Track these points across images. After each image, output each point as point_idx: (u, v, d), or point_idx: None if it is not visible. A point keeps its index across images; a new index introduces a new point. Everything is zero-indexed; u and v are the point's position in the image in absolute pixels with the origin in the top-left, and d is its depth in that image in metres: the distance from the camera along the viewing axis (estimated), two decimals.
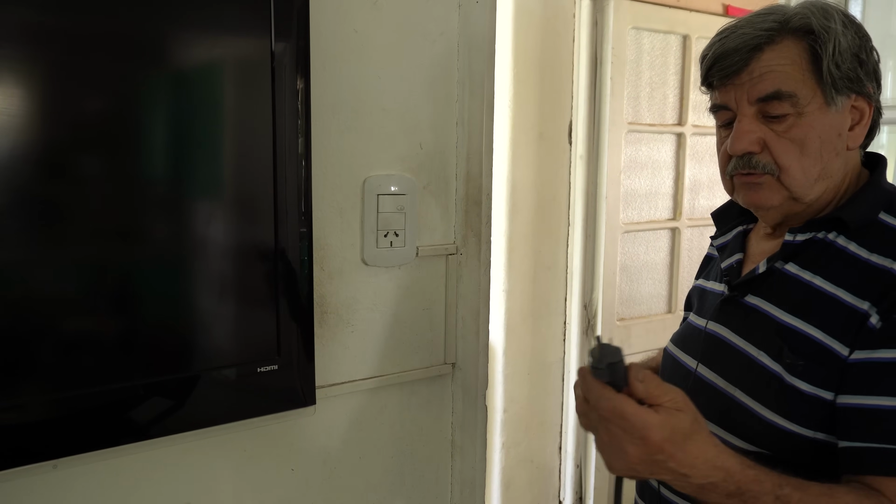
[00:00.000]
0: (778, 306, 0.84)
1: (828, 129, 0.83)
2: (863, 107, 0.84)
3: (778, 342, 0.82)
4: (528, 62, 2.21)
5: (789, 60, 0.82)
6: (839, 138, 0.84)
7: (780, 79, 0.82)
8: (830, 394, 0.77)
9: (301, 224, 0.82)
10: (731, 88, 0.85)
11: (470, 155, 1.02)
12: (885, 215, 0.83)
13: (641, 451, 0.67)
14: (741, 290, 0.90)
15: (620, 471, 0.71)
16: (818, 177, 0.84)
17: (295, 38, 0.79)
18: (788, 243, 0.86)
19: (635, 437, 0.67)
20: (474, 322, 1.06)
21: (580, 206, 2.37)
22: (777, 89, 0.82)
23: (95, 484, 0.78)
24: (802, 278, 0.84)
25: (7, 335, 0.66)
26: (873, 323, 0.75)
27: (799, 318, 0.82)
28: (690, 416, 0.69)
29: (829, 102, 0.82)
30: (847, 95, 0.83)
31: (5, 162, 0.64)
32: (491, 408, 2.31)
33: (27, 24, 0.64)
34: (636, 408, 0.67)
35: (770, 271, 0.87)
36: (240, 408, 0.82)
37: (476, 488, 1.10)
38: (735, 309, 0.90)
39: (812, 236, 0.85)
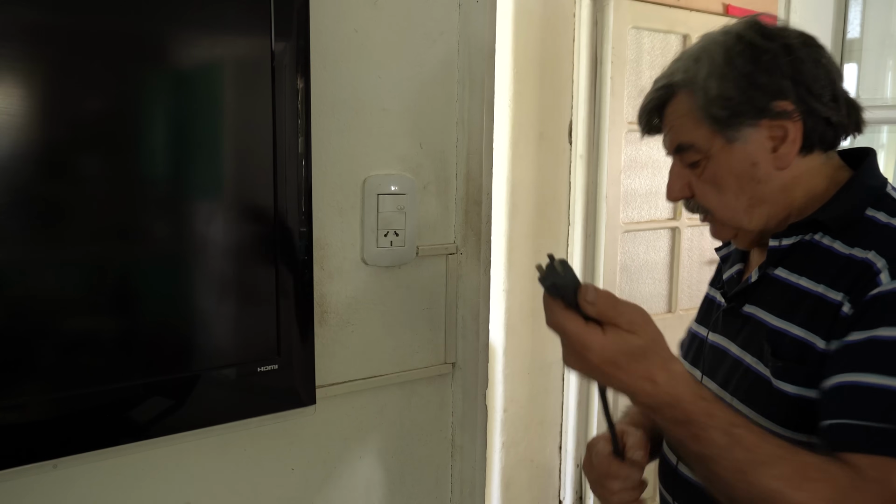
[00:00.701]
0: (769, 311, 0.85)
1: (738, 164, 0.85)
2: (782, 125, 0.82)
3: (766, 346, 0.82)
4: (528, 62, 2.21)
5: (682, 113, 0.87)
6: (756, 167, 0.84)
7: (678, 133, 0.88)
8: (815, 392, 0.76)
9: (301, 224, 0.82)
10: (662, 138, 0.93)
11: (470, 155, 1.02)
12: (872, 211, 0.82)
13: (584, 366, 0.71)
14: (738, 299, 0.91)
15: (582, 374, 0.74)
16: (748, 206, 0.86)
17: (295, 37, 0.79)
18: (774, 249, 0.87)
19: (577, 354, 0.71)
20: (474, 322, 1.06)
21: (580, 206, 2.37)
22: (679, 143, 0.88)
23: (96, 484, 0.78)
24: (789, 281, 0.84)
25: (7, 335, 0.66)
26: (845, 311, 0.75)
27: (785, 319, 0.82)
28: (644, 339, 0.70)
29: (730, 139, 0.84)
30: (751, 125, 0.83)
31: (5, 162, 0.64)
32: (491, 408, 2.31)
33: (27, 23, 0.64)
34: (577, 326, 0.70)
35: (761, 278, 0.88)
36: (240, 407, 0.82)
37: (476, 488, 1.10)
38: (734, 319, 0.91)
39: (799, 239, 0.85)
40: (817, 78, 0.82)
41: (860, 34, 2.01)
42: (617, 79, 2.30)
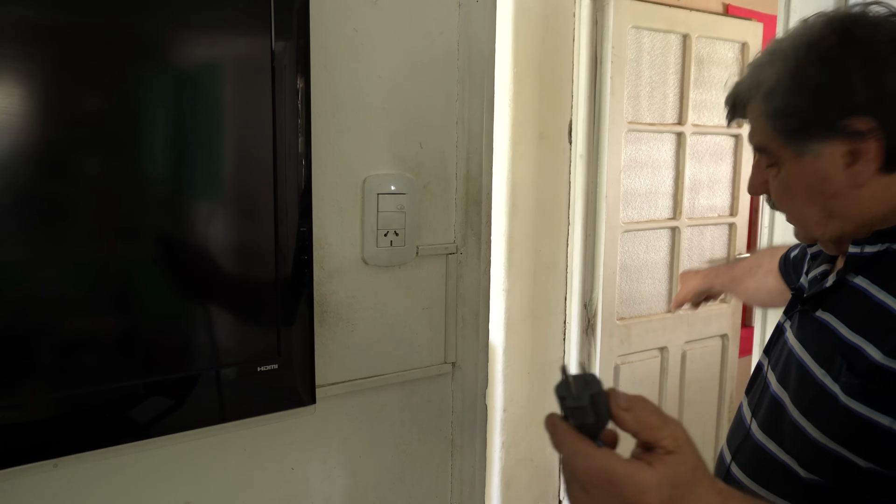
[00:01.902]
0: (842, 321, 0.79)
1: (808, 177, 0.80)
2: (858, 144, 0.75)
3: (838, 360, 0.76)
4: (528, 62, 2.21)
5: (756, 115, 0.84)
6: (827, 182, 0.78)
7: (753, 133, 0.85)
8: (888, 419, 0.69)
9: (301, 223, 0.82)
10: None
11: (470, 154, 1.02)
12: None
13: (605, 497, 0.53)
14: (812, 304, 0.86)
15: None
16: (820, 218, 0.81)
17: (295, 37, 0.79)
18: (854, 256, 0.81)
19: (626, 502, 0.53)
20: (474, 322, 1.06)
21: (580, 206, 2.37)
22: (757, 143, 0.84)
23: (96, 483, 0.78)
24: (869, 292, 0.77)
25: (7, 334, 0.66)
26: None
27: (860, 335, 0.75)
28: (691, 461, 0.55)
29: (799, 154, 0.79)
30: (822, 141, 0.77)
31: (5, 161, 0.64)
32: (491, 407, 2.31)
33: (27, 23, 0.64)
34: (626, 467, 0.53)
35: (838, 284, 0.82)
36: (240, 407, 0.82)
37: (476, 488, 1.10)
38: (808, 323, 0.86)
39: (886, 247, 0.79)
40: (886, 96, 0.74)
41: None
42: (617, 78, 2.30)
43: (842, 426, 0.73)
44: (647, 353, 2.54)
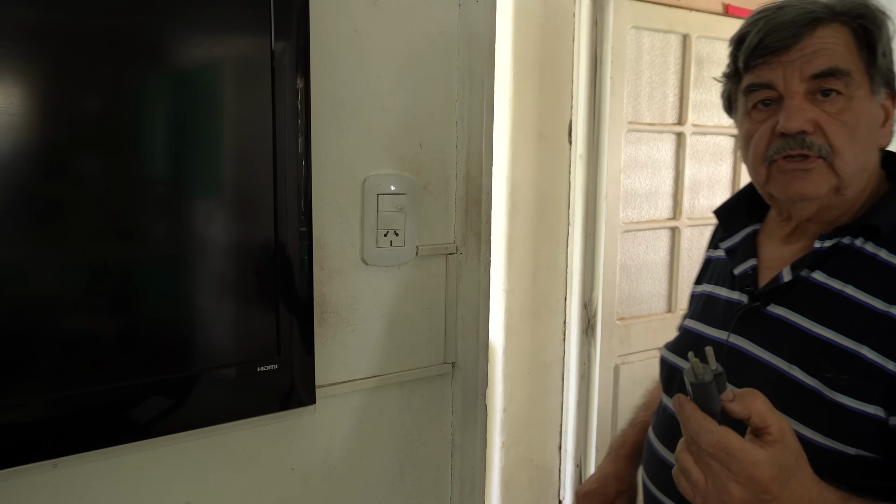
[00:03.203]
0: (808, 317, 0.80)
1: (871, 119, 0.81)
2: (889, 106, 0.83)
3: (814, 356, 0.77)
4: (528, 62, 2.21)
5: (842, 41, 0.80)
6: (877, 131, 0.82)
7: (834, 56, 0.79)
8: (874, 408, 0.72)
9: (301, 223, 0.82)
10: (778, 66, 0.81)
11: (470, 154, 1.02)
12: None
13: (746, 492, 0.59)
14: (763, 299, 0.85)
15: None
16: (862, 167, 0.81)
17: (295, 37, 0.79)
18: (817, 250, 0.81)
19: (741, 476, 0.59)
20: (474, 322, 1.06)
21: (580, 206, 2.37)
22: (835, 65, 0.79)
23: (95, 483, 0.78)
24: (832, 287, 0.79)
25: (7, 334, 0.66)
26: None
27: (833, 329, 0.77)
28: (795, 450, 0.62)
29: (874, 91, 0.80)
30: (886, 89, 0.82)
31: (5, 161, 0.64)
32: (491, 407, 2.31)
33: (27, 23, 0.64)
34: (742, 442, 0.60)
35: (796, 280, 0.82)
36: (240, 407, 0.82)
37: (476, 488, 1.10)
38: (759, 320, 0.85)
39: (837, 242, 0.81)
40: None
41: None
42: (617, 79, 2.30)
43: (830, 419, 0.74)
44: (647, 353, 2.54)
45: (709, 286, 0.99)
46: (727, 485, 0.60)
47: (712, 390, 0.61)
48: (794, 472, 0.61)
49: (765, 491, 0.59)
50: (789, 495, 0.60)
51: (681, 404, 0.62)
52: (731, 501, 0.60)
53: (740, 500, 0.60)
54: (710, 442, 0.60)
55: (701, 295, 1.01)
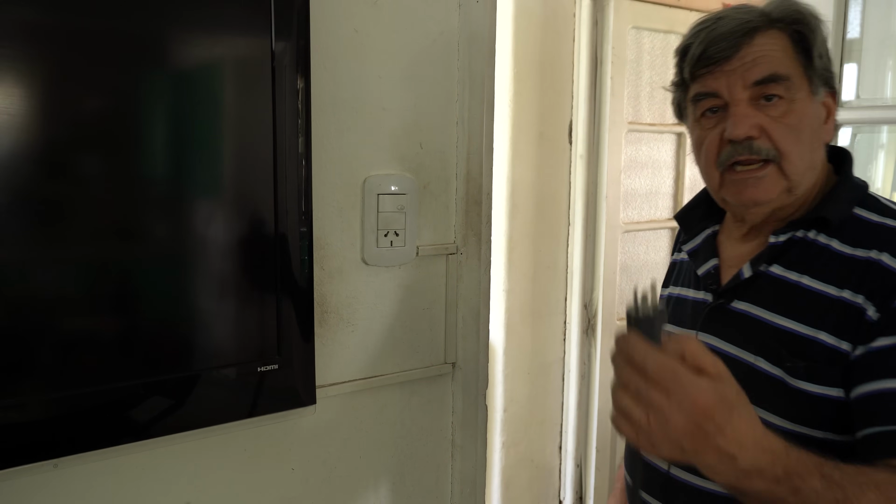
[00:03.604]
0: (769, 310, 0.83)
1: (814, 119, 0.84)
2: (830, 104, 0.86)
3: (775, 346, 0.81)
4: (528, 62, 2.21)
5: (779, 47, 0.83)
6: (820, 130, 0.85)
7: (774, 63, 0.82)
8: (836, 390, 0.76)
9: (301, 223, 0.82)
10: (721, 75, 0.84)
11: (470, 155, 1.02)
12: (859, 210, 0.83)
13: (690, 422, 0.59)
14: (727, 296, 0.89)
15: (664, 449, 0.62)
16: (809, 166, 0.84)
17: (295, 37, 0.79)
18: (773, 245, 0.85)
19: (685, 403, 0.59)
20: (474, 322, 1.06)
21: (580, 206, 2.37)
22: (774, 72, 0.82)
23: (96, 483, 0.78)
24: (789, 279, 0.83)
25: (7, 334, 0.66)
26: (871, 316, 0.75)
27: (793, 319, 0.81)
28: (735, 387, 0.63)
29: (814, 92, 0.84)
30: (824, 87, 0.85)
31: (5, 161, 0.64)
32: (491, 407, 2.31)
33: (27, 23, 0.64)
34: (686, 368, 0.61)
35: (756, 275, 0.86)
36: (240, 407, 0.82)
37: (476, 488, 1.10)
38: (724, 317, 0.88)
39: (791, 236, 0.85)
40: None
41: (860, 34, 2.01)
42: (617, 79, 2.30)
43: (795, 406, 0.78)
44: None
45: (676, 288, 1.02)
46: (671, 416, 0.59)
47: (655, 326, 0.62)
48: (737, 407, 0.62)
49: (708, 418, 0.60)
50: (732, 430, 0.61)
51: (624, 335, 0.63)
52: (675, 433, 0.60)
53: (684, 430, 0.60)
54: (658, 365, 0.60)
55: (669, 297, 1.03)
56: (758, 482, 0.64)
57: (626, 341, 0.63)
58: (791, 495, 0.65)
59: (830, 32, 1.81)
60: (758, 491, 0.65)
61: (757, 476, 0.63)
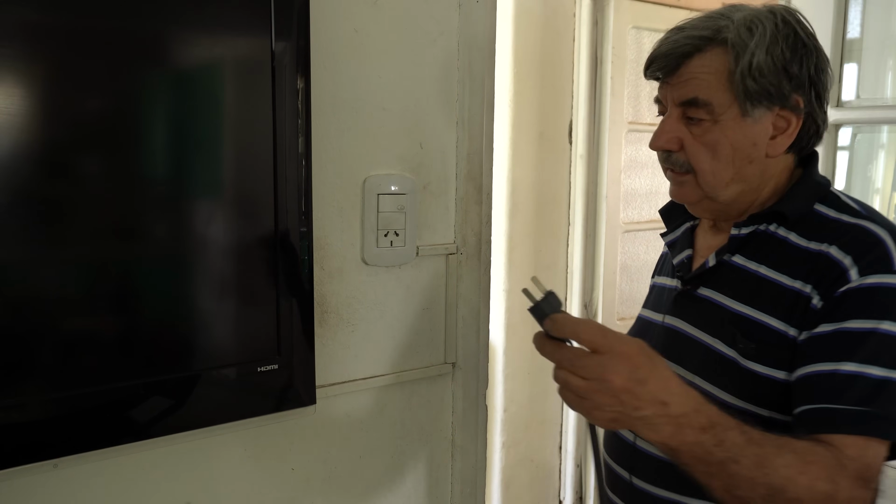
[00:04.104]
0: (728, 296, 0.90)
1: (741, 139, 0.87)
2: (788, 117, 0.87)
3: (731, 329, 0.87)
4: (528, 62, 2.21)
5: (712, 70, 0.86)
6: (754, 147, 0.88)
7: (699, 87, 0.87)
8: (782, 373, 0.82)
9: (301, 223, 0.82)
10: (665, 87, 0.91)
11: (470, 155, 1.02)
12: (819, 206, 0.88)
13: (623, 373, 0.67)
14: (693, 283, 0.95)
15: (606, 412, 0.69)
16: (730, 180, 0.89)
17: (295, 37, 0.79)
18: (735, 237, 0.91)
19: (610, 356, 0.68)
20: (474, 322, 1.06)
21: (580, 206, 2.37)
22: (694, 96, 0.87)
23: (96, 483, 0.78)
24: (749, 268, 0.89)
25: (7, 334, 0.66)
26: (815, 304, 0.81)
27: (748, 305, 0.87)
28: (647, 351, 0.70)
29: (744, 113, 0.86)
30: (767, 108, 0.86)
31: (5, 161, 0.64)
32: (491, 407, 2.31)
33: (27, 23, 0.64)
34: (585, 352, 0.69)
35: (719, 264, 0.92)
36: (240, 407, 0.82)
37: (476, 488, 1.10)
38: (689, 302, 0.95)
39: (755, 229, 0.90)
40: (825, 86, 0.89)
41: (860, 34, 2.00)
42: (617, 79, 2.30)
43: (745, 385, 0.84)
44: None
45: (659, 278, 1.10)
46: (606, 375, 0.67)
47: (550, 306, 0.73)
48: (654, 357, 0.70)
49: (636, 367, 0.68)
50: (658, 378, 0.69)
51: (553, 319, 0.72)
52: (613, 387, 0.67)
53: (621, 386, 0.67)
54: (589, 330, 0.69)
55: (654, 287, 1.11)
56: (689, 433, 0.70)
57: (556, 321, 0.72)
58: (716, 447, 0.70)
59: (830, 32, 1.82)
60: (690, 444, 0.71)
61: (687, 425, 0.70)
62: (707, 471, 0.72)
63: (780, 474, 0.71)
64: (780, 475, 0.71)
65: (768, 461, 0.71)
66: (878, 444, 0.76)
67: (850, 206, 0.88)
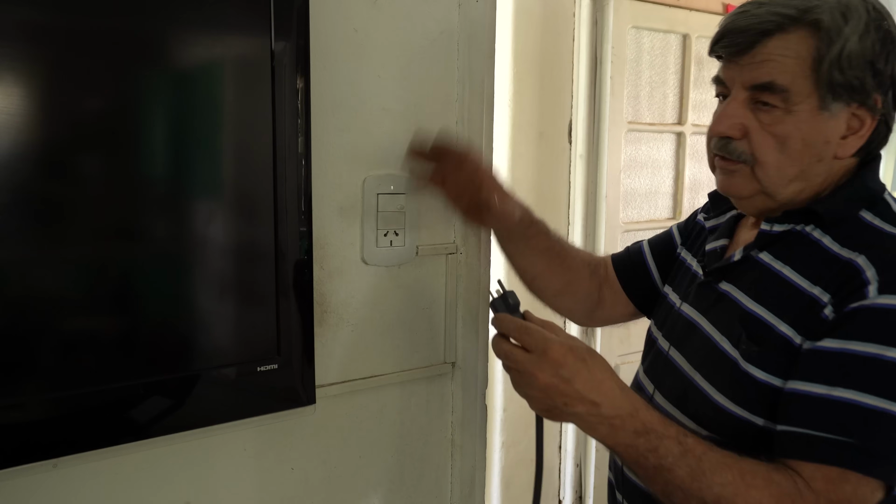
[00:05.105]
0: (745, 293, 0.84)
1: (814, 134, 0.79)
2: (864, 117, 0.80)
3: (738, 329, 0.82)
4: (528, 61, 2.21)
5: (794, 53, 0.78)
6: (826, 145, 0.80)
7: (777, 70, 0.78)
8: (781, 381, 0.77)
9: (301, 223, 0.82)
10: (732, 66, 0.82)
11: None
12: (866, 213, 0.81)
13: (548, 370, 0.72)
14: (715, 275, 0.90)
15: (538, 403, 0.76)
16: (794, 177, 0.82)
17: (295, 37, 0.79)
18: (764, 232, 0.85)
19: (539, 355, 0.73)
20: (474, 322, 1.06)
21: (580, 206, 2.37)
22: (770, 80, 0.79)
23: (96, 483, 0.78)
24: (773, 267, 0.83)
25: (7, 334, 0.66)
26: (826, 314, 0.75)
27: (761, 305, 0.81)
28: (585, 345, 0.75)
29: (822, 107, 0.78)
30: (846, 103, 0.79)
31: (5, 161, 0.64)
32: (491, 407, 2.31)
33: (27, 23, 0.64)
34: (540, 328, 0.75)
35: (745, 259, 0.87)
36: (240, 407, 0.82)
37: (476, 488, 1.10)
38: (709, 293, 0.90)
39: (790, 228, 0.84)
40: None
41: None
42: (617, 79, 2.30)
43: (741, 389, 0.80)
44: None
45: (687, 254, 1.04)
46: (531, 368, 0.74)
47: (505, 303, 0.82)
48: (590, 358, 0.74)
49: (561, 364, 0.72)
50: (589, 376, 0.72)
51: (497, 318, 0.80)
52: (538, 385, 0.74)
53: (545, 382, 0.73)
54: (514, 328, 0.77)
55: (679, 259, 1.06)
56: (622, 435, 0.72)
57: (496, 319, 0.80)
58: (650, 453, 0.71)
59: None
60: (624, 445, 0.72)
61: (620, 427, 0.72)
62: (644, 474, 0.74)
63: (714, 492, 0.70)
64: (714, 493, 0.70)
65: (704, 476, 0.70)
66: (860, 479, 0.69)
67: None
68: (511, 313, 0.81)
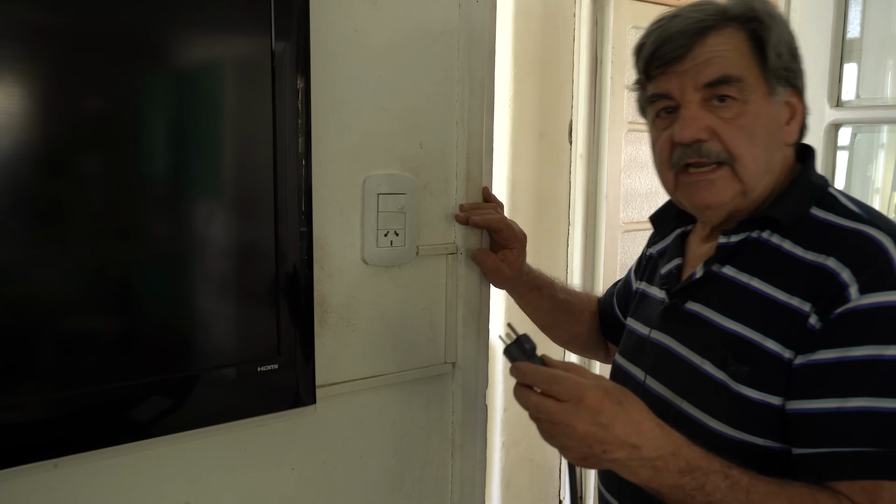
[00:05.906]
0: (718, 312, 0.82)
1: (771, 120, 0.81)
2: (795, 103, 0.84)
3: (721, 350, 0.80)
4: (528, 61, 2.21)
5: (733, 46, 0.80)
6: (779, 131, 0.82)
7: (726, 64, 0.80)
8: (778, 399, 0.75)
9: (301, 223, 0.82)
10: (673, 76, 0.83)
11: (470, 154, 1.02)
12: (816, 210, 0.81)
13: (586, 419, 0.67)
14: (681, 296, 0.88)
15: (574, 452, 0.70)
16: (765, 169, 0.82)
17: (295, 37, 0.79)
18: (723, 245, 0.84)
19: (574, 404, 0.67)
20: (474, 322, 1.06)
21: (580, 206, 2.37)
22: (725, 73, 0.80)
23: (96, 483, 0.78)
24: (740, 281, 0.82)
25: (7, 334, 0.66)
26: (812, 324, 0.73)
27: (740, 322, 0.79)
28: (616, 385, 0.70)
29: (771, 92, 0.81)
30: (785, 87, 0.82)
31: (5, 161, 0.64)
32: (491, 407, 2.31)
33: (27, 23, 0.64)
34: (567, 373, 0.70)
35: (707, 276, 0.85)
36: (240, 407, 0.82)
37: (476, 488, 1.10)
38: (677, 316, 0.88)
39: (746, 236, 0.83)
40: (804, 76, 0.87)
41: (860, 34, 2.00)
42: (617, 78, 2.30)
43: (737, 411, 0.77)
44: None
45: (643, 284, 1.03)
46: (569, 422, 0.68)
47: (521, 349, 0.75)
48: (625, 400, 0.69)
49: (598, 411, 0.67)
50: (628, 419, 0.68)
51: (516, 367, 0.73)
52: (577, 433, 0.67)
53: (584, 431, 0.67)
54: (543, 377, 0.70)
55: (638, 293, 1.04)
56: (666, 476, 0.68)
57: (518, 370, 0.73)
58: (697, 491, 0.68)
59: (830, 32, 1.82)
60: (669, 486, 0.69)
61: (664, 468, 0.68)
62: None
63: None
64: None
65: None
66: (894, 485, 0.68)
67: (850, 208, 0.80)
68: (529, 359, 0.74)
